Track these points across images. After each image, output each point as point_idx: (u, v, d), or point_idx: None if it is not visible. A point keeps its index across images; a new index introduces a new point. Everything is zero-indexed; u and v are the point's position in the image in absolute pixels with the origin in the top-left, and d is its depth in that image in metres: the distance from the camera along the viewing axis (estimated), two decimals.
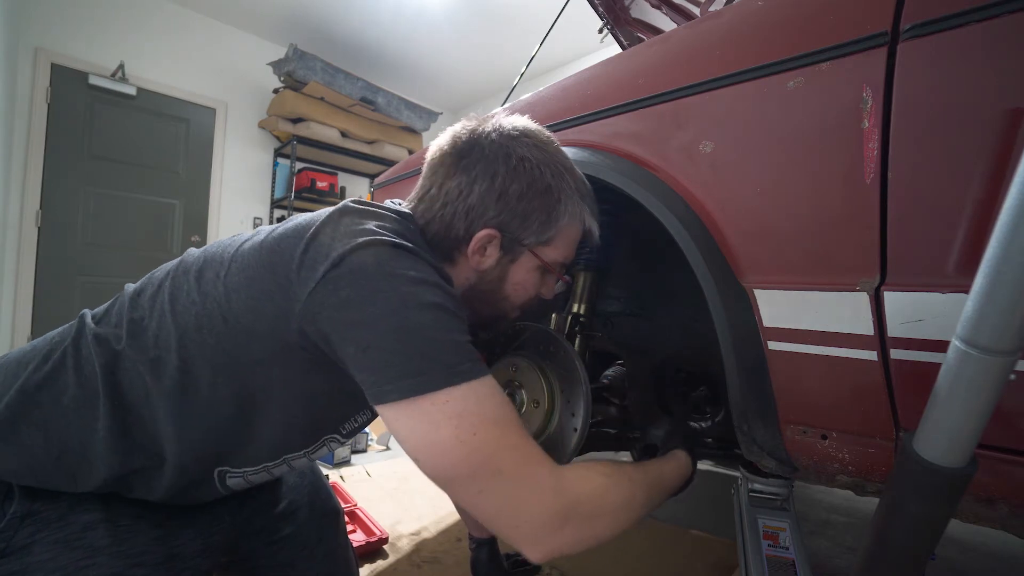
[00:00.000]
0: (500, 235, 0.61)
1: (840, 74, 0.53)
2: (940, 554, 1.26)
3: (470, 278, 0.64)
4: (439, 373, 0.47)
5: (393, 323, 0.47)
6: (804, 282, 0.56)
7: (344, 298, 0.48)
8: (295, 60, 3.60)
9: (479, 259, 0.62)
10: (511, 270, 0.64)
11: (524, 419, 0.81)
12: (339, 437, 0.67)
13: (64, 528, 0.54)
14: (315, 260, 0.50)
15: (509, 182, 0.60)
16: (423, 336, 0.48)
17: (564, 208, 0.63)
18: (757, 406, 0.63)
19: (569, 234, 0.65)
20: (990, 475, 0.49)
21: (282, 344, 0.52)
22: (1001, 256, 0.33)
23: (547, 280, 0.68)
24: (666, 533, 1.31)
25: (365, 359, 0.48)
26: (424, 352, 0.47)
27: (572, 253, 0.68)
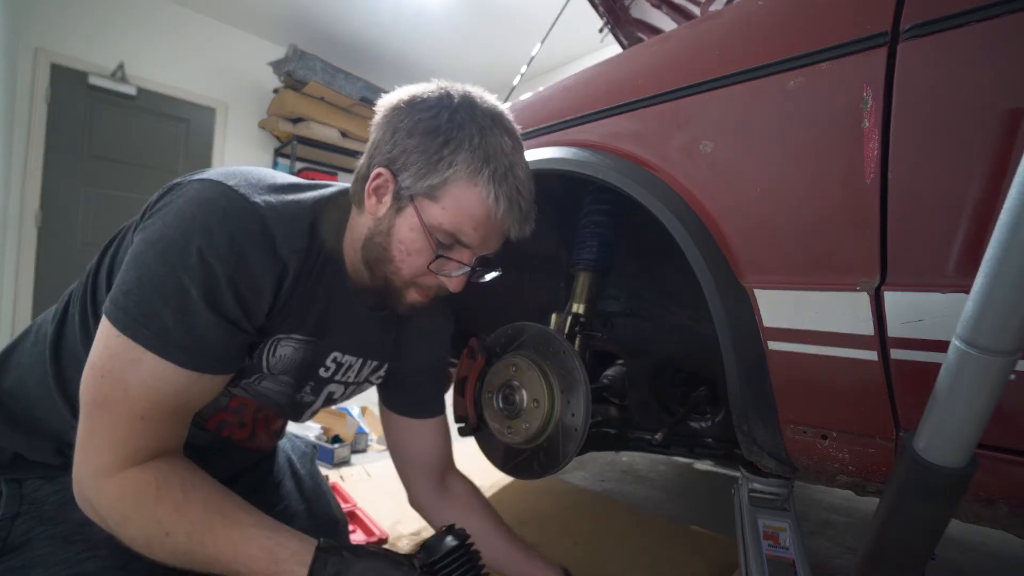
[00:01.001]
0: (391, 177, 0.57)
1: (840, 74, 0.53)
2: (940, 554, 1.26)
3: (368, 225, 0.61)
4: (123, 314, 0.48)
5: (139, 250, 0.50)
6: (804, 282, 0.56)
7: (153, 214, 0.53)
8: (295, 60, 3.60)
9: (375, 203, 0.59)
10: (397, 223, 0.58)
11: (524, 419, 0.81)
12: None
13: (60, 524, 0.55)
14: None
15: (403, 116, 0.57)
16: (140, 279, 0.49)
17: (453, 157, 0.55)
18: (757, 406, 0.63)
19: (461, 198, 0.56)
20: (990, 475, 0.49)
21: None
22: (1001, 256, 0.33)
23: (445, 262, 0.59)
24: (666, 529, 1.31)
25: (121, 268, 0.51)
26: (132, 290, 0.49)
27: (472, 232, 0.58)
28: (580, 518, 1.38)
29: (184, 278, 0.48)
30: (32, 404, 0.59)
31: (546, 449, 0.81)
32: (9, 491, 0.55)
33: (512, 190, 0.58)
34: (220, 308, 0.50)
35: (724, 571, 1.10)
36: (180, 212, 0.50)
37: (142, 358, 0.48)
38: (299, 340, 0.62)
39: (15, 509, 0.55)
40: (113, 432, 0.48)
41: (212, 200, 0.51)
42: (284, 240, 0.54)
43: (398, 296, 0.62)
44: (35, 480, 0.57)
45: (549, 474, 0.81)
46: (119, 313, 0.48)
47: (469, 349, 0.90)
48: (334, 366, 0.69)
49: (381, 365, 0.77)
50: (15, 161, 3.08)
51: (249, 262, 0.51)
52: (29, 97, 3.12)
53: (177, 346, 0.49)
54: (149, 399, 0.48)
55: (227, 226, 0.50)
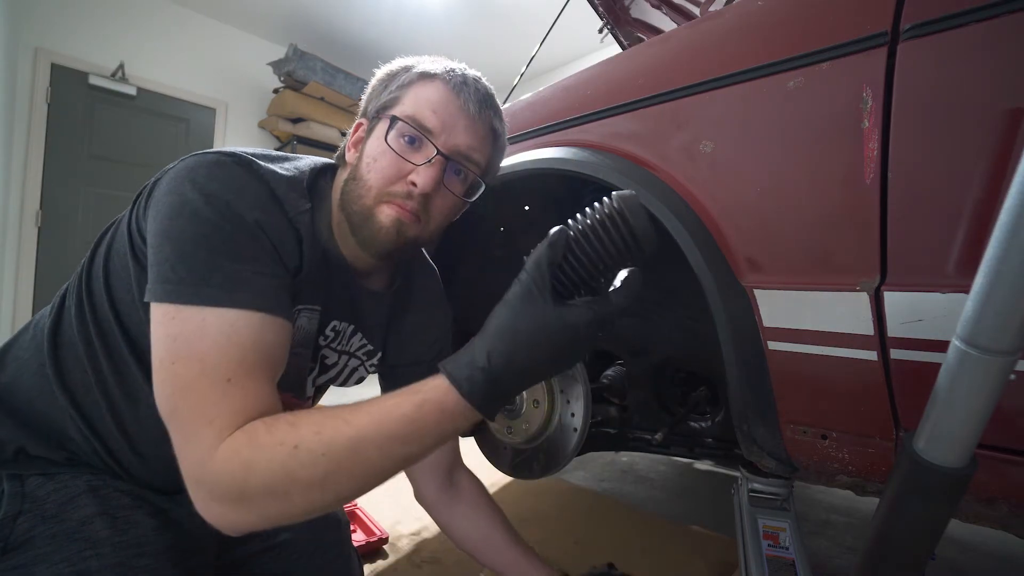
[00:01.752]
0: (364, 121, 0.62)
1: (840, 74, 0.53)
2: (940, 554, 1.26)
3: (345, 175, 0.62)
4: (177, 286, 0.46)
5: (166, 226, 0.48)
6: (804, 282, 0.56)
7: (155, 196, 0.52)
8: (295, 60, 3.60)
9: (352, 154, 0.62)
10: (366, 145, 0.60)
11: (524, 419, 0.81)
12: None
13: (62, 523, 0.54)
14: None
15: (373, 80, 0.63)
16: (183, 247, 0.47)
17: (409, 72, 0.61)
18: (757, 406, 0.63)
19: (418, 92, 0.59)
20: (990, 475, 0.49)
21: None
22: (1001, 256, 0.33)
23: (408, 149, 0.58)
24: (666, 529, 1.31)
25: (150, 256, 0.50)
26: (178, 262, 0.47)
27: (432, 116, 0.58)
28: (580, 518, 1.38)
29: (225, 227, 0.48)
30: (32, 396, 0.59)
31: (546, 449, 0.81)
32: (11, 489, 0.55)
33: (465, 79, 0.61)
34: (262, 249, 0.50)
35: (724, 571, 1.10)
36: (193, 180, 0.50)
37: (207, 319, 0.46)
38: (311, 310, 0.62)
39: (17, 508, 0.54)
40: (205, 409, 0.44)
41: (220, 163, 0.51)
42: (291, 204, 0.55)
43: (373, 220, 0.58)
44: (37, 478, 0.57)
45: (549, 474, 0.81)
46: (174, 287, 0.46)
47: None
48: (332, 334, 0.69)
49: (374, 351, 0.75)
50: (15, 161, 3.08)
51: (269, 213, 0.52)
52: (29, 97, 3.12)
53: (241, 288, 0.47)
54: (230, 358, 0.46)
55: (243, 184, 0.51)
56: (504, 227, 1.17)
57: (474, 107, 0.59)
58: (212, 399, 0.44)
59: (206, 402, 0.44)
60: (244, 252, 0.49)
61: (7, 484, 0.55)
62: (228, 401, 0.45)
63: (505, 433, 0.83)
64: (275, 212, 0.53)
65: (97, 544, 0.54)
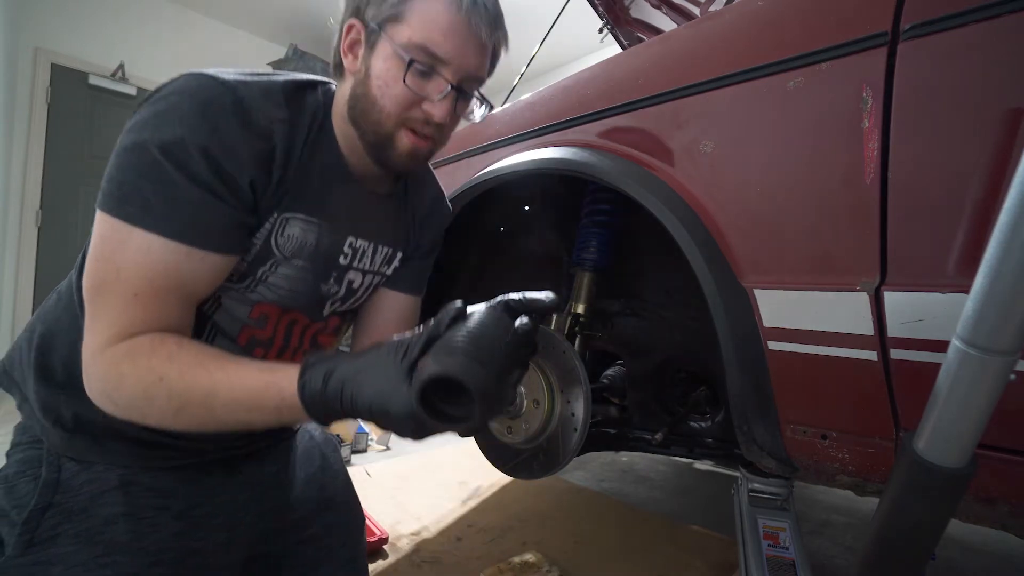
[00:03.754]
0: (360, 26, 0.58)
1: (840, 74, 0.53)
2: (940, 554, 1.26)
3: (350, 83, 0.61)
4: (110, 199, 0.49)
5: (119, 146, 0.51)
6: (804, 282, 0.56)
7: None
8: (295, 60, 3.60)
9: (352, 60, 0.60)
10: (372, 61, 0.58)
11: (524, 419, 0.81)
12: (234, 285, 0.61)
13: (87, 520, 0.55)
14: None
15: None
16: (124, 172, 0.50)
17: None
18: (757, 406, 0.63)
19: (423, 10, 0.56)
20: (990, 475, 0.49)
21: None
22: (1001, 256, 0.33)
23: (422, 82, 0.58)
24: (665, 528, 1.31)
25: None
26: (118, 181, 0.50)
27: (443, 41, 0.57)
28: (580, 518, 1.38)
29: (156, 150, 0.49)
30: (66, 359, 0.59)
31: (546, 449, 0.81)
32: (48, 475, 0.56)
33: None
34: (197, 177, 0.50)
35: (724, 571, 1.10)
36: (152, 101, 0.52)
37: (130, 235, 0.49)
38: (305, 220, 0.61)
39: (48, 499, 0.55)
40: (109, 312, 0.50)
41: (182, 84, 0.53)
42: (260, 112, 0.54)
43: (391, 146, 0.60)
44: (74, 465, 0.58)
45: (549, 474, 0.81)
46: (104, 199, 0.50)
47: None
48: (351, 252, 0.69)
49: (395, 253, 0.76)
50: (15, 161, 3.08)
51: (223, 132, 0.51)
52: (29, 97, 3.12)
53: (160, 216, 0.49)
54: (141, 275, 0.49)
55: (197, 101, 0.51)
56: (504, 227, 1.17)
57: (486, 32, 0.59)
58: (117, 306, 0.49)
59: (111, 306, 0.50)
60: (169, 177, 0.49)
61: (45, 469, 0.57)
62: (128, 313, 0.49)
63: (505, 433, 0.83)
64: (234, 121, 0.52)
65: (116, 550, 0.55)
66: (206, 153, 0.50)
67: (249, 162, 0.53)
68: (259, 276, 0.61)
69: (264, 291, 0.62)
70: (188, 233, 0.50)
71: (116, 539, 0.55)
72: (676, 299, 0.96)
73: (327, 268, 0.66)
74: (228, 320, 0.61)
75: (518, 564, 1.08)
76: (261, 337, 0.64)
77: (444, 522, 1.34)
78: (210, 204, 0.51)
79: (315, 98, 0.62)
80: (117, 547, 0.55)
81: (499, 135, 0.97)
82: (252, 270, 0.60)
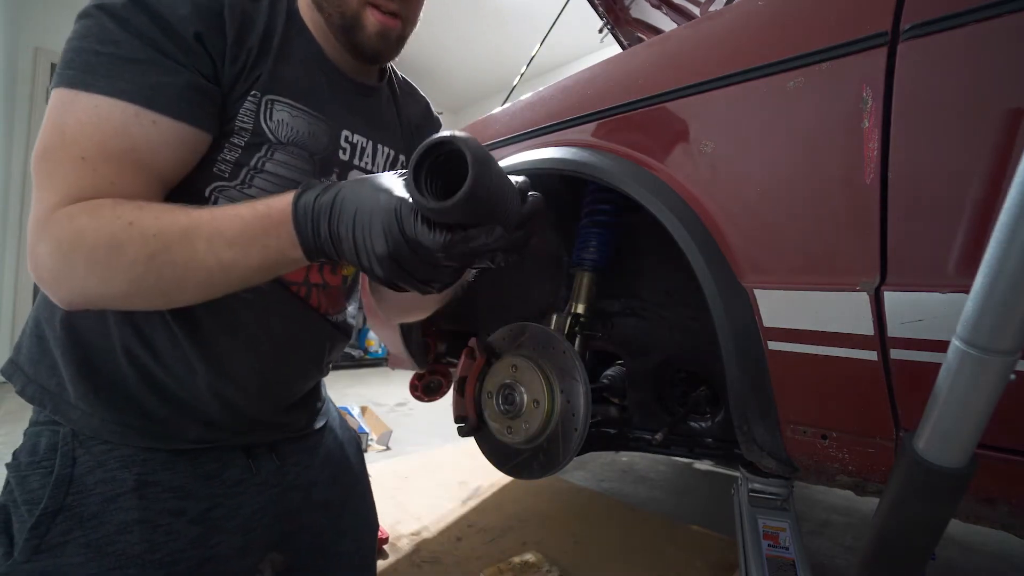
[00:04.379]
0: None
1: (840, 74, 0.53)
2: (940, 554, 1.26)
3: None
4: (61, 73, 0.47)
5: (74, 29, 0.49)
6: (804, 282, 0.56)
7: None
8: None
9: None
10: None
11: (524, 419, 0.81)
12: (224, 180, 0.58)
13: (98, 528, 0.53)
14: None
15: None
16: (79, 44, 0.47)
17: None
18: (757, 406, 0.63)
19: None
20: (990, 475, 0.49)
21: None
22: (1001, 256, 0.33)
23: None
24: (665, 528, 1.31)
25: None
26: (72, 56, 0.47)
27: None
28: (580, 518, 1.38)
29: (101, 16, 0.47)
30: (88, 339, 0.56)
31: (546, 449, 0.81)
32: (60, 471, 0.53)
33: None
34: (138, 31, 0.47)
35: (724, 571, 1.10)
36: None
37: (75, 99, 0.46)
38: (292, 106, 0.59)
39: (59, 501, 0.52)
40: (55, 176, 0.46)
41: None
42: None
43: (358, 26, 0.58)
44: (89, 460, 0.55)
45: (549, 474, 0.81)
46: (59, 75, 0.47)
47: (469, 349, 0.90)
48: (348, 147, 0.66)
49: (397, 155, 0.74)
50: (15, 161, 3.08)
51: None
52: (29, 97, 3.13)
53: (103, 75, 0.46)
54: (87, 137, 0.46)
55: None
56: None
57: None
58: (63, 169, 0.45)
59: (57, 172, 0.46)
60: (112, 36, 0.47)
61: (59, 462, 0.54)
62: (78, 176, 0.45)
63: (505, 433, 0.84)
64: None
65: (127, 562, 0.53)
66: (149, 9, 0.48)
67: (191, 14, 0.50)
68: (255, 164, 0.57)
69: (262, 182, 0.58)
70: (134, 92, 0.47)
71: (129, 550, 0.53)
72: (676, 299, 0.96)
73: (327, 162, 0.63)
74: None
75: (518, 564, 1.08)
76: None
77: (444, 522, 1.34)
78: (157, 62, 0.48)
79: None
80: (130, 559, 0.53)
81: (499, 135, 0.98)
82: (247, 157, 0.56)
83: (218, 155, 0.55)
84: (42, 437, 0.56)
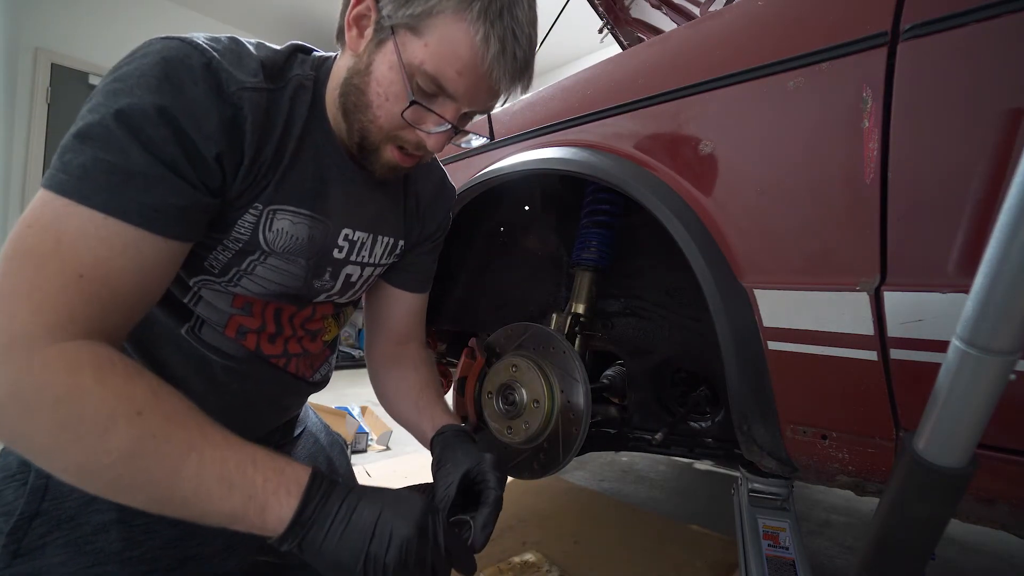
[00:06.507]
0: (373, 5, 0.52)
1: (840, 74, 0.53)
2: (940, 554, 1.26)
3: (347, 65, 0.55)
4: (57, 175, 0.42)
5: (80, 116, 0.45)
6: (804, 282, 0.56)
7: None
8: None
9: (355, 36, 0.54)
10: (376, 60, 0.52)
11: (524, 419, 0.81)
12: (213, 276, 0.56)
13: (76, 529, 0.52)
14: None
15: None
16: (78, 135, 0.43)
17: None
18: (757, 406, 0.63)
19: (446, 34, 0.49)
20: (990, 475, 0.49)
21: None
22: (1001, 256, 0.33)
23: (423, 112, 0.53)
24: (665, 528, 1.31)
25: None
26: (70, 149, 0.42)
27: (457, 78, 0.51)
28: (580, 518, 1.38)
29: (110, 118, 0.42)
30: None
31: (546, 449, 0.81)
32: (35, 481, 0.52)
33: (506, 31, 0.50)
34: (155, 146, 0.43)
35: (724, 571, 1.10)
36: (115, 68, 0.45)
37: (72, 209, 0.41)
38: (298, 214, 0.56)
39: (35, 507, 0.51)
40: (44, 288, 0.38)
41: (147, 47, 0.46)
42: (231, 78, 0.47)
43: (375, 154, 0.57)
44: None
45: (549, 474, 0.81)
46: (48, 177, 0.42)
47: (469, 349, 0.90)
48: (347, 244, 0.64)
49: (396, 243, 0.72)
50: (15, 161, 3.08)
51: (188, 92, 0.44)
52: (29, 97, 3.13)
53: (105, 188, 0.41)
54: (87, 253, 0.40)
55: (161, 61, 0.44)
56: (504, 227, 1.17)
57: (506, 83, 0.53)
58: (56, 284, 0.39)
59: (47, 283, 0.38)
60: (122, 145, 0.42)
61: (33, 474, 0.53)
62: (72, 299, 0.39)
63: (505, 433, 0.84)
64: (201, 84, 0.45)
65: (106, 559, 0.53)
66: (165, 115, 0.43)
67: (217, 131, 0.46)
68: (245, 267, 0.55)
69: (248, 284, 0.57)
70: (136, 212, 0.42)
71: (107, 548, 0.53)
72: (676, 299, 0.96)
73: (320, 263, 0.62)
74: (213, 312, 0.58)
75: (518, 564, 1.08)
76: (251, 325, 0.61)
77: None
78: (167, 180, 0.44)
79: (302, 71, 0.57)
80: (109, 556, 0.53)
81: (499, 135, 0.97)
82: (238, 260, 0.55)
83: (209, 254, 0.54)
84: (12, 455, 0.55)
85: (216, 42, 0.49)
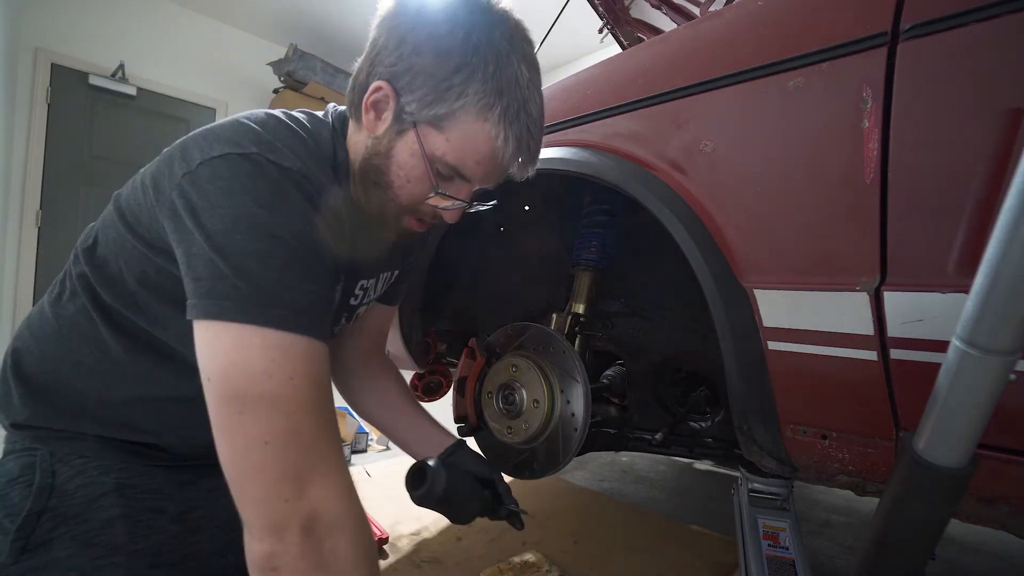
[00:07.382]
0: (392, 93, 0.53)
1: (840, 74, 0.53)
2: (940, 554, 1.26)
3: (366, 144, 0.57)
4: (249, 303, 0.42)
5: (219, 241, 0.43)
6: (804, 282, 0.56)
7: (187, 204, 0.46)
8: (295, 60, 3.60)
9: (373, 119, 0.55)
10: (397, 146, 0.54)
11: (524, 419, 0.81)
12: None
13: (83, 524, 0.54)
14: (182, 161, 0.48)
15: (413, 26, 0.52)
16: (243, 262, 0.43)
17: (464, 88, 0.50)
18: (757, 406, 0.63)
19: (468, 133, 0.52)
20: (990, 475, 0.49)
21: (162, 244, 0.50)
22: (1001, 256, 0.33)
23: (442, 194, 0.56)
24: (665, 528, 1.31)
25: (193, 268, 0.45)
26: (239, 278, 0.43)
27: (475, 167, 0.54)
28: (580, 518, 1.38)
29: (289, 241, 0.45)
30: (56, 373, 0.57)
31: (546, 449, 0.81)
32: (41, 480, 0.54)
33: (523, 130, 0.53)
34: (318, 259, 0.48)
35: (724, 571, 1.10)
36: (230, 192, 0.45)
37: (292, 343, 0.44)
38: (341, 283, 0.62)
39: (43, 503, 0.53)
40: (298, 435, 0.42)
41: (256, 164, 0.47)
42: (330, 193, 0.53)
43: (393, 223, 0.60)
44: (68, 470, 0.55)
45: (549, 474, 0.81)
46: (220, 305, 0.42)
47: (469, 349, 0.90)
48: (361, 293, 0.70)
49: (394, 273, 0.79)
50: (15, 161, 3.08)
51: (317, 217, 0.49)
52: (29, 97, 3.12)
53: (315, 316, 0.46)
54: (309, 386, 0.44)
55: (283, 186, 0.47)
56: (504, 227, 1.17)
57: (518, 169, 0.57)
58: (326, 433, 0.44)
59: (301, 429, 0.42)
60: (305, 269, 0.46)
61: (39, 475, 0.54)
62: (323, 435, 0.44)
63: (505, 433, 0.84)
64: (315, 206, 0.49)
65: (115, 551, 0.54)
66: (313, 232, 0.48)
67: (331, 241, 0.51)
68: None
69: None
70: (320, 327, 0.47)
71: (114, 541, 0.54)
72: (676, 299, 0.96)
73: (340, 313, 0.68)
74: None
75: (518, 564, 1.08)
76: None
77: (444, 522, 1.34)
78: (326, 284, 0.50)
79: (341, 154, 0.59)
80: (116, 549, 0.54)
81: None
82: None
83: None
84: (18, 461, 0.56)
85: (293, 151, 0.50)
